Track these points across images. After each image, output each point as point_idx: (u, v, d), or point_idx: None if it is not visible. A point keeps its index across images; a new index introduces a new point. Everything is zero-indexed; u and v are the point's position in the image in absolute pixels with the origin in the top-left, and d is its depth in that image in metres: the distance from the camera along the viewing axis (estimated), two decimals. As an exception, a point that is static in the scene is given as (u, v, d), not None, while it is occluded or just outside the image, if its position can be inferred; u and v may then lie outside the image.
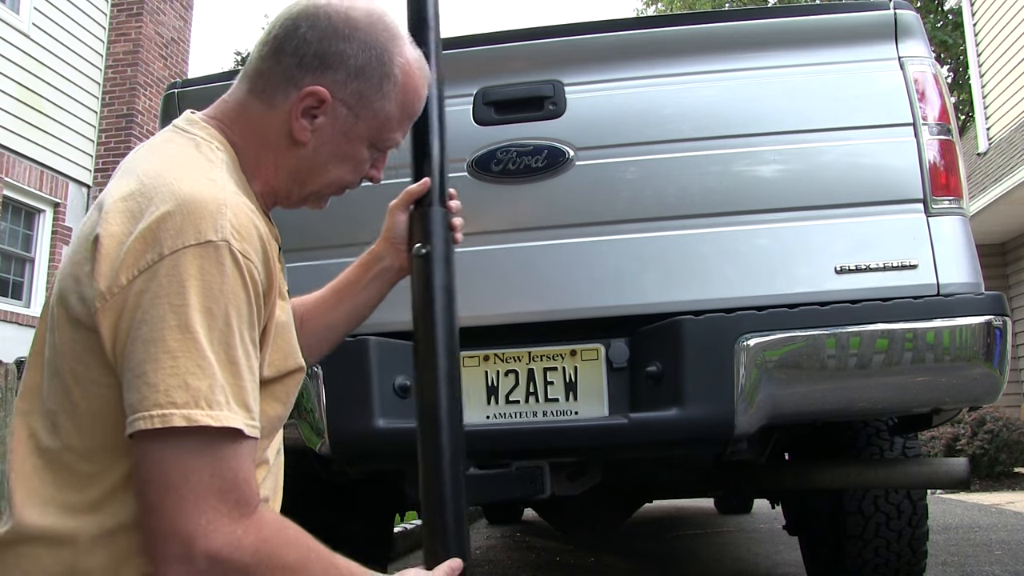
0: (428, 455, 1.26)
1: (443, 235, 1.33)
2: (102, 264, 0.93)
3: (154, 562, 0.91)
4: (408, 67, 1.15)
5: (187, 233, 0.92)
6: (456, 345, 1.29)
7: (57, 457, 0.97)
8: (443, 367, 1.27)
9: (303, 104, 1.10)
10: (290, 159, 1.13)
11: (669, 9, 20.55)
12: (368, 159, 1.19)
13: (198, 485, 0.89)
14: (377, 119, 1.14)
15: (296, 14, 1.12)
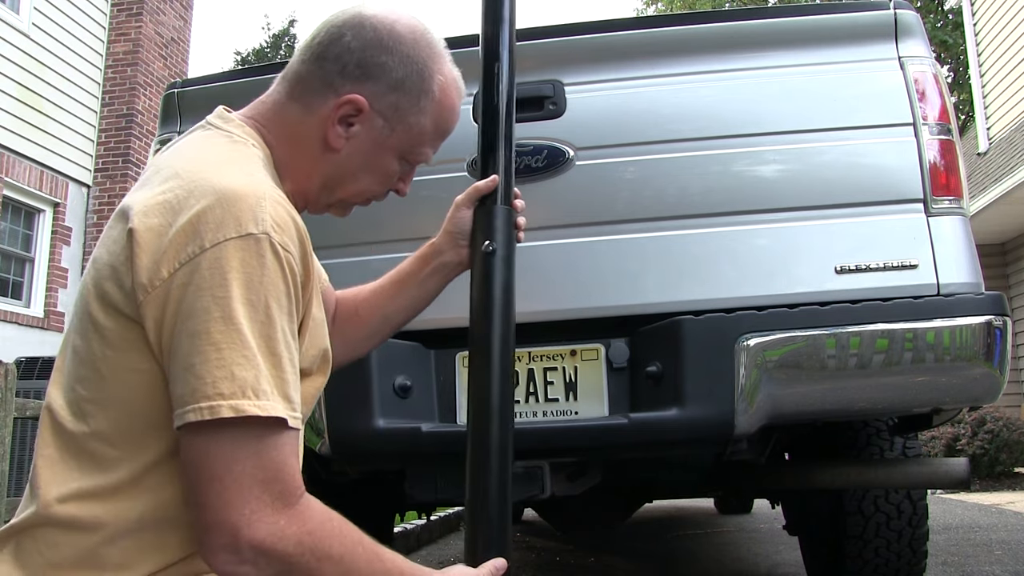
0: (477, 451, 1.27)
1: (508, 234, 1.35)
2: (142, 256, 0.94)
3: (202, 551, 0.92)
4: (446, 85, 1.18)
5: (228, 226, 0.93)
6: (512, 343, 1.32)
7: (82, 443, 0.97)
8: (498, 364, 1.29)
9: (341, 112, 1.12)
10: (323, 164, 1.14)
11: (669, 9, 20.54)
12: (397, 172, 1.21)
13: (242, 475, 0.90)
14: (411, 133, 1.16)
15: (342, 22, 1.14)
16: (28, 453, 6.03)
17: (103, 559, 0.94)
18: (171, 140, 2.22)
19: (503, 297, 1.32)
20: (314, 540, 0.93)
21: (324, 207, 1.20)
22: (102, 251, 1.01)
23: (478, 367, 1.31)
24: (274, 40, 19.97)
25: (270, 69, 2.32)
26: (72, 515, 0.95)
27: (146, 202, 0.98)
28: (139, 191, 1.02)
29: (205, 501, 0.90)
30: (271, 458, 0.92)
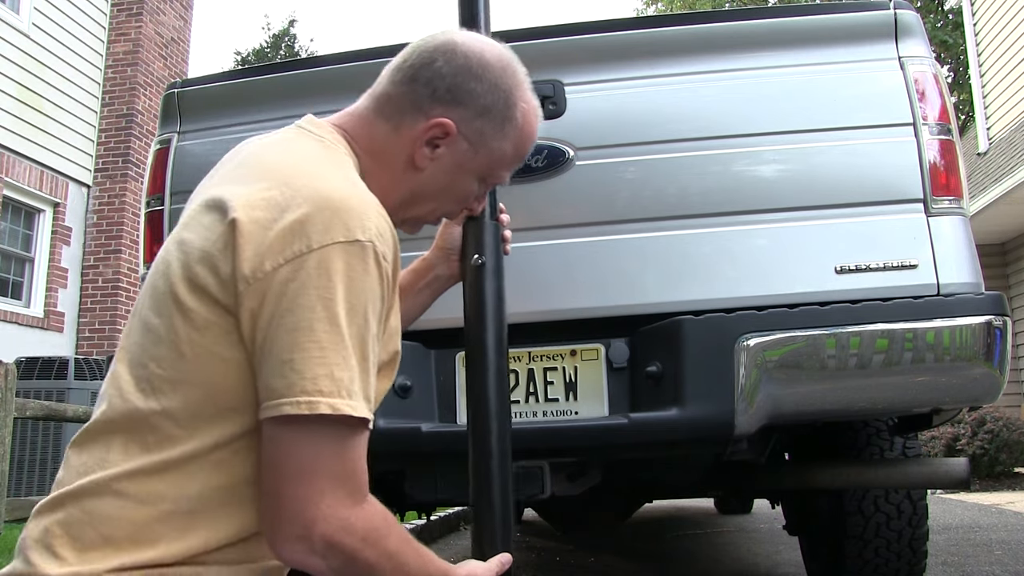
0: (478, 452, 1.34)
1: (496, 247, 1.43)
2: (245, 247, 0.97)
3: (272, 538, 0.97)
4: (528, 112, 1.23)
5: (336, 230, 0.97)
6: (505, 348, 1.40)
7: (148, 418, 1.00)
8: (492, 368, 1.37)
9: (429, 134, 1.17)
10: (406, 182, 1.19)
11: (669, 9, 20.54)
12: (475, 193, 1.27)
13: (324, 471, 0.95)
14: (492, 157, 1.22)
15: (434, 48, 1.20)
16: (28, 453, 6.03)
17: (157, 535, 0.96)
18: (171, 140, 2.23)
19: (495, 305, 1.40)
20: (376, 536, 0.98)
21: (398, 222, 1.21)
22: (190, 235, 1.04)
23: (475, 371, 1.37)
24: (274, 40, 19.97)
25: (270, 69, 2.33)
26: (129, 489, 0.98)
27: (249, 196, 1.01)
28: (231, 185, 1.05)
29: (284, 492, 0.94)
30: (351, 457, 0.97)
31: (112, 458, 1.00)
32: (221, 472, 1.00)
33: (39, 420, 5.44)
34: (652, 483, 2.74)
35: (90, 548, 0.96)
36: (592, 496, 2.17)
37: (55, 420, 5.36)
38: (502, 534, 1.30)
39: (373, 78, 2.20)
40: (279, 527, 0.95)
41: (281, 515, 0.95)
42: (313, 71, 2.20)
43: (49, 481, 5.95)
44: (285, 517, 0.95)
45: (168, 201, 2.17)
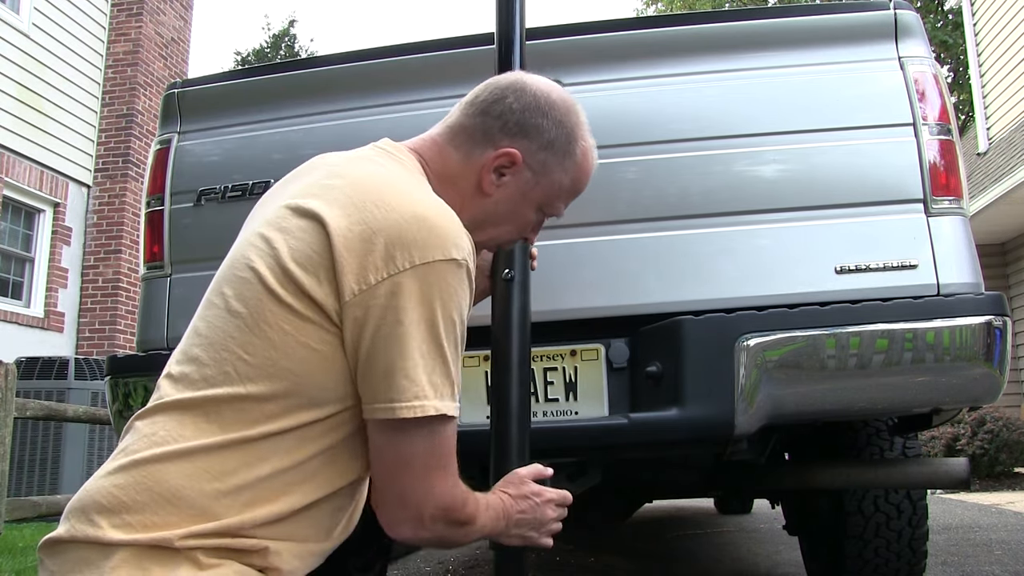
0: (499, 448, 1.46)
1: (524, 263, 1.54)
2: (349, 260, 1.07)
3: (387, 521, 1.14)
4: (587, 151, 1.35)
5: (436, 248, 1.09)
6: (528, 356, 1.51)
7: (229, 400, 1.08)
8: (516, 373, 1.47)
9: (497, 162, 1.28)
10: (472, 207, 1.28)
11: (669, 9, 20.54)
12: (534, 222, 1.37)
13: (429, 461, 1.11)
14: (552, 188, 1.33)
15: (506, 85, 1.31)
16: (28, 453, 6.03)
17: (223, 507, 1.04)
18: (171, 140, 2.23)
19: (520, 316, 1.50)
20: (464, 503, 1.17)
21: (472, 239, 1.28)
22: (278, 235, 1.13)
23: (500, 377, 1.48)
24: (274, 40, 19.97)
25: (270, 69, 2.33)
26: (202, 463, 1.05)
27: (347, 211, 1.10)
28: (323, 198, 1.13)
29: (396, 482, 1.12)
30: (447, 446, 1.13)
31: (186, 433, 1.07)
32: (291, 455, 1.09)
33: (39, 420, 5.44)
34: (652, 483, 2.74)
35: (157, 514, 1.02)
36: (592, 496, 2.17)
37: (55, 420, 5.36)
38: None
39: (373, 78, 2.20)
40: (394, 512, 1.14)
41: (396, 502, 1.13)
42: (313, 71, 2.20)
43: (50, 481, 5.95)
44: (399, 503, 1.13)
45: (168, 201, 2.17)
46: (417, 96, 2.10)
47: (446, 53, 2.13)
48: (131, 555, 1.00)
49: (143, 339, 2.16)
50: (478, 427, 1.84)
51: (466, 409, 1.94)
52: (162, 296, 2.14)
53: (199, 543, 1.02)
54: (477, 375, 1.95)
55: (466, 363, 1.96)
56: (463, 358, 1.92)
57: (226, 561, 1.03)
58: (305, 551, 1.13)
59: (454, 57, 2.12)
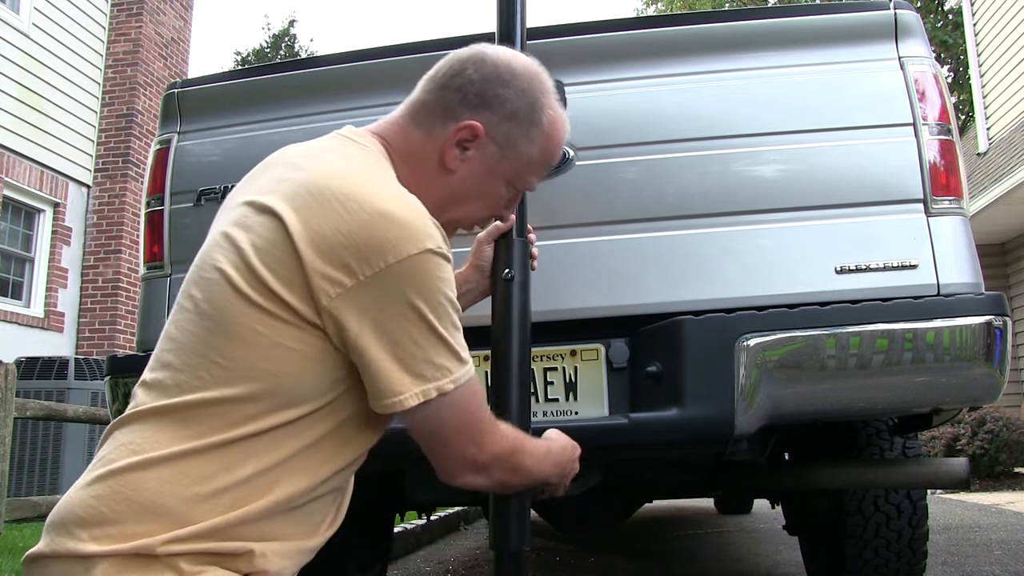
0: None
1: (524, 263, 1.54)
2: (316, 261, 1.06)
3: (449, 477, 1.21)
4: (555, 119, 1.30)
5: (408, 243, 1.07)
6: (528, 356, 1.52)
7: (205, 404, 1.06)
8: (517, 373, 1.48)
9: (459, 136, 1.24)
10: (438, 185, 1.25)
11: (669, 9, 20.54)
12: (504, 197, 1.33)
13: (461, 424, 1.16)
14: (520, 160, 1.28)
15: (464, 58, 1.28)
16: (28, 453, 6.03)
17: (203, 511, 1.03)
18: (171, 140, 2.23)
19: (520, 316, 1.50)
20: (514, 445, 1.24)
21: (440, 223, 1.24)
22: (240, 232, 1.10)
23: (500, 377, 1.48)
24: (274, 40, 19.97)
25: (270, 69, 2.33)
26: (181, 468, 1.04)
27: (305, 206, 1.08)
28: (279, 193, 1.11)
29: (437, 451, 1.18)
30: (469, 407, 1.16)
31: (163, 440, 1.05)
32: (270, 455, 1.07)
33: (39, 420, 5.44)
34: (652, 483, 2.74)
35: (139, 524, 1.00)
36: (592, 496, 2.17)
37: (55, 420, 5.36)
38: (518, 527, 1.42)
39: (373, 78, 2.20)
40: (452, 468, 1.20)
41: (446, 466, 1.20)
42: (313, 71, 2.20)
43: (50, 481, 5.95)
44: (454, 462, 1.19)
45: (168, 201, 2.17)
46: (417, 96, 2.10)
47: (446, 53, 2.13)
48: (112, 566, 0.98)
49: (143, 339, 2.16)
50: (478, 427, 1.84)
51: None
52: (162, 296, 2.14)
53: (181, 549, 1.00)
54: (477, 375, 1.95)
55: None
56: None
57: (209, 568, 1.01)
58: (292, 549, 1.11)
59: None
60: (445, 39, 2.16)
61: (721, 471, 2.46)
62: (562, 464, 1.38)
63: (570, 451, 1.42)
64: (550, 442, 1.38)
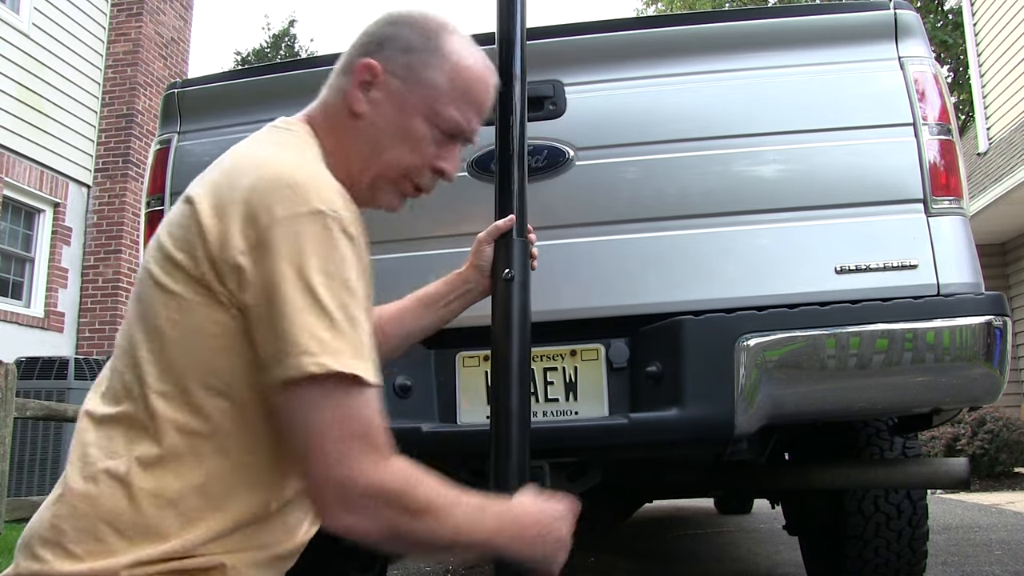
0: (499, 448, 1.44)
1: (524, 263, 1.53)
2: (213, 228, 1.02)
3: (317, 510, 1.02)
4: (459, 44, 1.24)
5: (297, 203, 1.01)
6: (528, 356, 1.51)
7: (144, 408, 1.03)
8: (516, 373, 1.47)
9: (358, 78, 1.20)
10: (353, 136, 1.20)
11: (669, 9, 20.54)
12: (428, 138, 1.22)
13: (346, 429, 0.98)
14: (427, 90, 1.21)
15: (368, 26, 1.27)
16: (28, 453, 6.03)
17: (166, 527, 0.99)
18: (171, 140, 2.23)
19: (520, 316, 1.49)
20: (416, 478, 1.02)
21: (368, 189, 1.23)
22: (163, 229, 1.10)
23: (500, 377, 1.47)
24: (274, 40, 19.97)
25: (270, 69, 2.33)
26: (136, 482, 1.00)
27: (207, 183, 1.08)
28: (200, 181, 1.12)
29: (313, 460, 0.98)
30: (365, 415, 0.99)
31: (118, 450, 1.02)
32: (224, 457, 1.02)
33: (39, 420, 5.44)
34: (652, 483, 2.74)
35: (101, 542, 0.97)
36: (592, 496, 2.17)
37: (55, 420, 5.36)
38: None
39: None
40: (321, 497, 0.99)
41: (315, 482, 0.99)
42: (313, 71, 2.20)
43: (50, 481, 5.95)
44: (315, 484, 0.99)
45: (168, 201, 2.17)
46: (417, 96, 2.10)
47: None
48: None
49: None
50: (478, 427, 1.85)
51: (467, 409, 1.95)
52: (162, 296, 2.14)
53: (146, 571, 0.97)
54: (477, 375, 1.96)
55: (466, 363, 1.96)
56: (464, 357, 1.95)
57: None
58: (268, 557, 1.07)
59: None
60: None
61: (721, 471, 2.46)
62: (524, 532, 1.10)
63: (541, 519, 1.13)
64: (500, 502, 1.13)
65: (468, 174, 2.01)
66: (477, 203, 1.87)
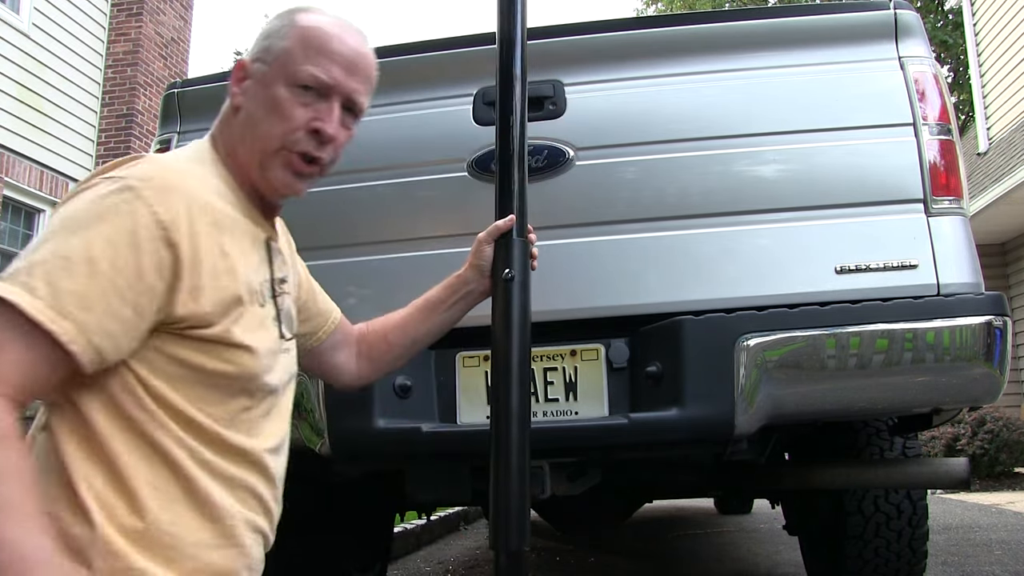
0: (499, 448, 1.45)
1: (524, 263, 1.55)
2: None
3: None
4: (309, 17, 1.27)
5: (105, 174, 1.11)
6: (528, 356, 1.52)
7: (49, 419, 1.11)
8: (517, 373, 1.48)
9: (234, 78, 1.27)
10: (236, 129, 1.25)
11: (669, 9, 20.54)
12: (292, 101, 1.23)
13: None
14: (280, 58, 1.24)
15: None
16: (28, 453, 6.03)
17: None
18: (171, 140, 2.23)
19: (521, 316, 1.50)
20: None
21: (260, 173, 1.24)
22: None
23: (500, 377, 1.48)
24: (274, 40, 19.94)
25: (270, 69, 2.33)
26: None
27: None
28: None
29: None
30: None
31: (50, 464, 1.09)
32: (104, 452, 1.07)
33: (39, 420, 5.43)
34: (652, 483, 2.74)
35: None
36: (592, 496, 2.17)
37: (55, 420, 5.35)
38: (518, 527, 1.42)
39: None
40: None
41: None
42: (313, 71, 2.20)
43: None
44: None
45: (168, 201, 2.17)
46: (417, 96, 2.10)
47: (446, 53, 2.13)
48: None
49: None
50: (478, 427, 1.85)
51: (466, 409, 1.95)
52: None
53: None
54: (477, 375, 1.96)
55: (466, 363, 1.96)
56: (464, 357, 1.95)
57: None
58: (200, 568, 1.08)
59: (454, 57, 2.12)
60: (445, 39, 2.16)
61: (721, 471, 2.46)
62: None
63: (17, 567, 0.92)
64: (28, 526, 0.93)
65: (468, 174, 2.01)
66: (477, 203, 1.87)
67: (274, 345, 1.23)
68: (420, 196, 2.05)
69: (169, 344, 1.10)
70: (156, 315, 1.08)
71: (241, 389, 1.17)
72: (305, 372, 1.52)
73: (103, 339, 1.03)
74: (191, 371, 1.11)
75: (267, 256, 1.27)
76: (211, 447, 1.13)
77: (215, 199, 1.17)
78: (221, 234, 1.15)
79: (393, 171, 2.06)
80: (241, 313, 1.16)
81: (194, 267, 1.10)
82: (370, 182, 2.06)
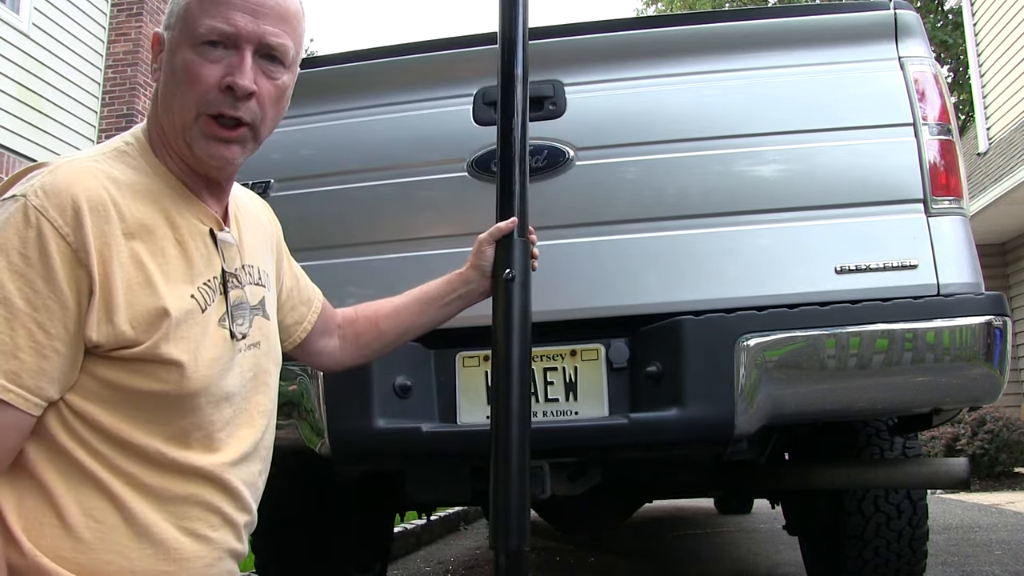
0: (499, 448, 1.45)
1: (525, 263, 1.55)
2: None
3: None
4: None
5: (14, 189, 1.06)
6: (528, 356, 1.52)
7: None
8: (517, 373, 1.48)
9: (153, 51, 1.21)
10: (158, 106, 1.18)
11: (669, 9, 20.54)
12: (198, 62, 1.14)
13: None
14: (182, 19, 1.15)
15: None
16: (28, 453, 6.03)
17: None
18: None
19: (521, 316, 1.50)
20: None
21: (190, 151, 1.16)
22: None
23: (500, 377, 1.48)
24: (274, 40, 19.95)
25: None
26: None
27: None
28: None
29: None
30: None
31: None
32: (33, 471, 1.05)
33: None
34: (652, 483, 2.74)
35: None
36: (592, 496, 2.17)
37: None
38: (518, 527, 1.42)
39: (373, 78, 2.19)
40: None
41: None
42: (313, 71, 2.20)
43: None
44: None
45: (168, 201, 2.17)
46: (417, 96, 2.10)
47: (446, 53, 2.13)
48: None
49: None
50: (478, 427, 1.85)
51: (467, 409, 1.95)
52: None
53: None
54: (477, 375, 1.95)
55: (466, 363, 1.96)
56: (464, 357, 1.95)
57: None
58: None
59: (454, 57, 2.12)
60: (445, 39, 2.16)
61: (721, 471, 2.46)
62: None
63: None
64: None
65: (468, 174, 2.01)
66: (477, 203, 1.87)
67: (222, 351, 1.15)
68: (420, 196, 2.05)
69: (99, 367, 1.05)
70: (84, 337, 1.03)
71: (186, 405, 1.10)
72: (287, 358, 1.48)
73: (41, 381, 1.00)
74: (124, 393, 1.06)
75: (215, 248, 1.18)
76: (155, 470, 1.08)
77: (128, 202, 1.09)
78: (134, 241, 1.08)
79: (393, 171, 2.06)
80: (171, 326, 1.08)
81: (105, 286, 1.04)
82: (370, 182, 2.06)
